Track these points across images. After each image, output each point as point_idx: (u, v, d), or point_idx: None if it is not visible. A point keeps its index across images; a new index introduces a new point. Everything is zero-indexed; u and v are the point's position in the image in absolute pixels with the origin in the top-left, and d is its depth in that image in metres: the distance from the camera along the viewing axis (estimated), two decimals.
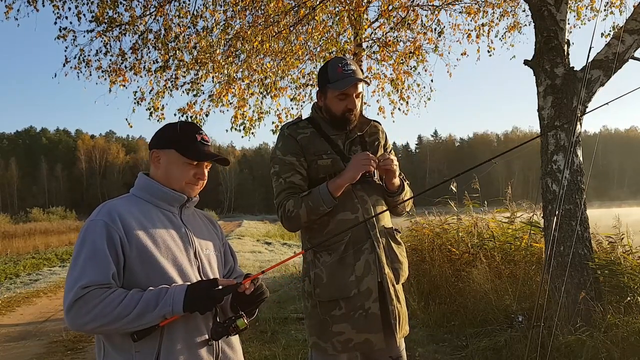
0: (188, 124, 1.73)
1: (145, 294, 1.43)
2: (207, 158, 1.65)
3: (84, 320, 1.40)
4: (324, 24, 7.90)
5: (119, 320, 1.40)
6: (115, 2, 6.54)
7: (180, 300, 1.43)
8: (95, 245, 1.45)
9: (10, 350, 5.20)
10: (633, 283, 3.94)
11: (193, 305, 1.44)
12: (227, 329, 1.51)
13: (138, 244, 1.50)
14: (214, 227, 1.82)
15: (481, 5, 8.23)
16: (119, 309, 1.39)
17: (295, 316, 5.66)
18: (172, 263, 1.54)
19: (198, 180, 1.66)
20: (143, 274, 1.50)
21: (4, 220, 35.83)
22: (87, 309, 1.39)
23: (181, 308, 1.43)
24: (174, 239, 1.59)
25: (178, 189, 1.64)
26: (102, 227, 1.48)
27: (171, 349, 1.49)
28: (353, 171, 2.09)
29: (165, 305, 1.43)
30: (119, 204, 1.58)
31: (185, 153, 1.62)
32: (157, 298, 1.43)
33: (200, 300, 1.45)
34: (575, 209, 3.83)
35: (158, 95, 7.42)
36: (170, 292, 1.45)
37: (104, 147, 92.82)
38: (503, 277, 4.96)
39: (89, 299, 1.39)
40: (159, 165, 1.65)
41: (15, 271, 11.77)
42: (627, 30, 3.93)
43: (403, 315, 2.20)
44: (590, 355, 3.31)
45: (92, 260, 1.44)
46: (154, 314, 1.42)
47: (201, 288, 1.47)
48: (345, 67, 2.17)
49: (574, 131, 3.78)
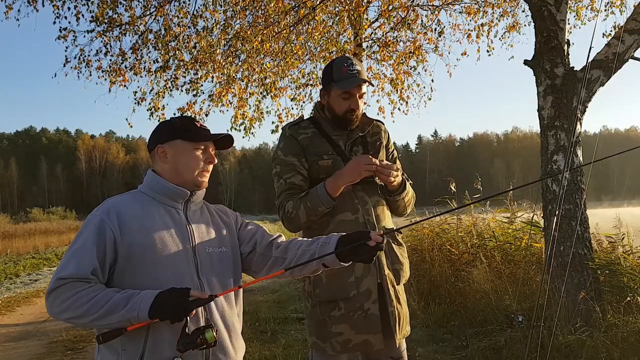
0: (183, 116, 1.76)
1: (117, 295, 1.43)
2: (214, 136, 1.66)
3: (57, 309, 1.44)
4: (324, 24, 7.90)
5: (88, 316, 1.41)
6: (115, 2, 6.54)
7: (146, 306, 1.40)
8: (85, 239, 1.48)
9: (10, 350, 5.20)
10: (633, 283, 3.94)
11: (159, 313, 1.40)
12: (195, 342, 1.44)
13: (132, 241, 1.50)
14: (227, 216, 1.79)
15: (481, 5, 8.24)
16: (87, 305, 1.40)
17: (295, 316, 5.66)
18: (167, 261, 1.53)
19: (209, 164, 1.67)
20: (134, 272, 1.50)
21: (4, 220, 35.84)
22: (60, 300, 1.42)
23: (146, 314, 1.40)
24: (172, 237, 1.58)
25: (189, 180, 1.63)
26: (96, 221, 1.50)
27: (155, 349, 1.48)
28: (353, 175, 2.08)
29: (132, 309, 1.41)
30: (121, 201, 1.59)
31: (191, 138, 1.63)
32: (127, 301, 1.42)
33: (168, 309, 1.41)
34: (575, 209, 3.83)
35: (158, 95, 7.42)
36: (140, 296, 1.42)
37: (104, 147, 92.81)
38: (503, 277, 4.96)
39: (63, 290, 1.42)
40: (167, 159, 1.64)
41: (15, 271, 11.77)
42: (627, 30, 3.93)
43: (403, 316, 2.20)
44: (590, 355, 3.31)
45: (78, 254, 1.47)
46: (119, 314, 1.41)
47: (171, 297, 1.42)
48: (351, 67, 2.16)
49: (574, 131, 3.78)
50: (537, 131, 4.26)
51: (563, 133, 3.92)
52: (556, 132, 3.94)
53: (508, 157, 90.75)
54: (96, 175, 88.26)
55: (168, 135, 1.65)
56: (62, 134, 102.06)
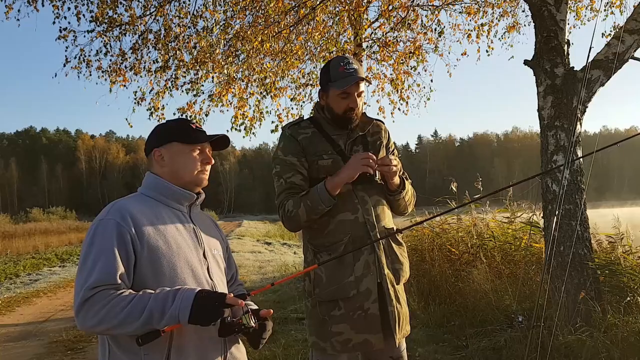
0: (179, 118, 1.75)
1: (151, 301, 1.40)
2: (210, 138, 1.66)
3: (91, 322, 1.38)
4: (324, 24, 7.90)
5: (124, 327, 1.38)
6: (115, 2, 6.54)
7: (186, 315, 1.40)
8: (105, 245, 1.44)
9: (10, 350, 5.20)
10: (633, 283, 3.94)
11: (198, 320, 1.41)
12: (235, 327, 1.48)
13: (149, 243, 1.49)
14: (217, 229, 1.82)
15: (481, 5, 8.24)
16: (123, 315, 1.37)
17: (295, 316, 5.66)
18: (183, 262, 1.54)
19: (206, 165, 1.66)
20: (154, 273, 1.48)
21: (4, 220, 35.80)
22: (94, 312, 1.37)
23: (186, 322, 1.41)
24: (185, 238, 1.59)
25: (189, 180, 1.63)
26: (113, 226, 1.47)
27: (181, 353, 1.48)
28: (351, 170, 2.08)
29: (172, 318, 1.40)
30: (130, 203, 1.57)
31: (187, 140, 1.63)
32: (164, 308, 1.39)
33: (207, 315, 1.42)
34: (575, 209, 3.83)
35: (158, 96, 7.42)
36: (177, 304, 1.40)
37: (104, 147, 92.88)
38: (503, 277, 4.97)
39: (96, 301, 1.37)
40: (164, 162, 1.64)
41: (15, 271, 11.77)
42: (627, 30, 3.93)
43: (403, 316, 2.20)
44: (590, 355, 3.31)
45: (101, 260, 1.42)
46: (160, 324, 1.40)
47: (210, 304, 1.43)
48: (347, 66, 2.16)
49: (574, 131, 3.78)
50: (537, 131, 4.26)
51: (563, 133, 3.92)
52: (556, 132, 3.95)
53: (508, 157, 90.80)
54: (96, 175, 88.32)
55: (164, 138, 1.65)
56: (62, 134, 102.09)
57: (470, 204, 6.30)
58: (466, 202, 5.83)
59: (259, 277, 9.69)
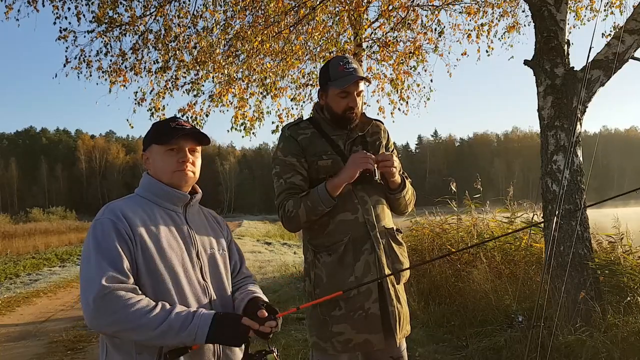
0: (165, 119, 1.75)
1: (170, 317, 1.43)
2: (178, 133, 1.61)
3: (105, 321, 1.39)
4: (324, 24, 7.89)
5: (141, 333, 1.40)
6: (115, 2, 6.55)
7: (203, 334, 1.44)
8: (106, 241, 1.46)
9: (10, 350, 5.20)
10: (633, 283, 3.94)
11: (217, 340, 1.47)
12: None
13: (142, 243, 1.50)
14: (218, 225, 1.81)
15: (481, 5, 8.25)
16: (142, 321, 1.39)
17: (295, 316, 5.65)
18: (175, 263, 1.55)
19: (182, 164, 1.62)
20: (147, 273, 1.49)
21: (4, 220, 35.84)
22: (111, 310, 1.37)
23: (204, 341, 1.45)
24: (177, 239, 1.59)
25: (167, 181, 1.63)
26: (110, 224, 1.49)
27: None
28: (351, 170, 2.08)
29: (189, 335, 1.43)
30: (123, 204, 1.59)
31: (160, 140, 1.63)
32: (182, 325, 1.43)
33: (226, 337, 1.48)
34: (575, 209, 3.83)
35: (159, 96, 7.43)
36: (195, 323, 1.44)
37: (104, 147, 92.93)
38: (503, 277, 4.97)
39: (113, 300, 1.38)
40: (150, 164, 1.67)
41: (15, 271, 11.77)
42: (627, 30, 3.93)
43: (404, 316, 2.20)
44: (590, 355, 3.31)
45: (105, 256, 1.43)
46: (175, 340, 1.43)
47: (228, 326, 1.48)
48: (347, 65, 2.17)
49: (574, 131, 3.78)
50: (537, 131, 4.26)
51: (563, 133, 3.92)
52: (556, 132, 3.95)
53: (508, 157, 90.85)
54: (96, 175, 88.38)
55: (148, 141, 1.68)
56: (62, 134, 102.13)
57: (472, 205, 6.30)
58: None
59: (259, 277, 9.69)
